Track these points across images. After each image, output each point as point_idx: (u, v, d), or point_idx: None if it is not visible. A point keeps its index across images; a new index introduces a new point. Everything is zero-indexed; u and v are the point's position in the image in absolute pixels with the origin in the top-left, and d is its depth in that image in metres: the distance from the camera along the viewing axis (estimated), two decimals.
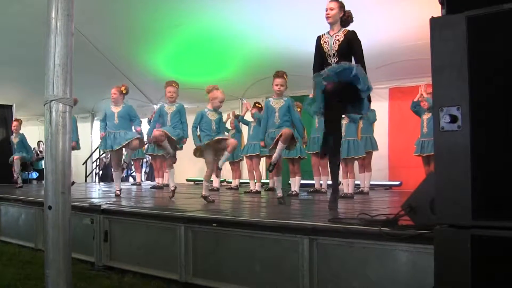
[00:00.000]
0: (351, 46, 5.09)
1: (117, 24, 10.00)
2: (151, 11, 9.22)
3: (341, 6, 5.25)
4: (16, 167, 10.31)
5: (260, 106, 8.87)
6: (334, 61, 5.08)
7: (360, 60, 5.03)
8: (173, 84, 7.14)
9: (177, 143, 6.85)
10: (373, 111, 8.29)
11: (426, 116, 7.49)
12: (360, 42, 5.12)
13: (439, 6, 2.23)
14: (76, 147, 9.01)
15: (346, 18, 5.27)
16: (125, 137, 7.16)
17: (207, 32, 9.86)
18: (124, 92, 7.50)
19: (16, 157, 10.20)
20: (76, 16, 3.29)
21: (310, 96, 7.30)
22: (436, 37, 2.12)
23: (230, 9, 8.84)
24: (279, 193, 5.96)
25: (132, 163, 11.75)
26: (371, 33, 8.61)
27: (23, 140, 10.46)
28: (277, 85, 6.26)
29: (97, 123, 15.80)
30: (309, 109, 5.23)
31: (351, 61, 5.03)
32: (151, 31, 10.09)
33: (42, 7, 3.32)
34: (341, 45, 5.10)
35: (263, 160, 9.69)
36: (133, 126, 7.41)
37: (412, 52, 8.54)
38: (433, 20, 2.14)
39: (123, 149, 7.30)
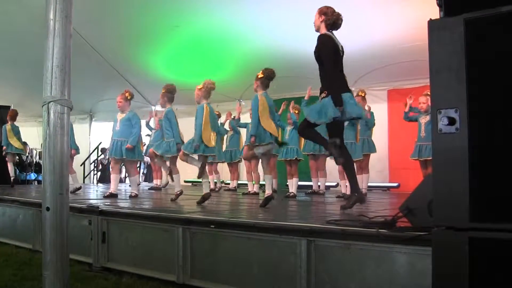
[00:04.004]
0: (319, 53, 4.93)
1: (115, 25, 10.00)
2: (149, 12, 9.22)
3: (320, 12, 5.08)
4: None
5: None
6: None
7: (326, 68, 4.87)
8: (163, 90, 7.27)
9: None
10: (372, 114, 8.27)
11: (424, 120, 7.43)
12: (323, 46, 4.92)
13: (437, 7, 2.23)
14: (77, 152, 9.04)
15: (329, 19, 5.02)
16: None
17: (205, 33, 9.87)
18: (129, 98, 7.61)
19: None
20: (74, 17, 3.29)
21: (306, 98, 7.31)
22: (434, 40, 2.12)
23: (228, 10, 8.84)
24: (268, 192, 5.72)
25: None
26: (369, 34, 8.63)
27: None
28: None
29: (95, 124, 15.81)
30: (307, 111, 5.19)
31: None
32: (149, 32, 10.09)
33: (40, 9, 3.32)
34: (315, 52, 4.96)
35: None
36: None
37: (410, 53, 8.56)
38: (431, 23, 2.14)
39: None
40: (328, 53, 4.89)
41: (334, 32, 5.12)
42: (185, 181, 12.80)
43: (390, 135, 10.35)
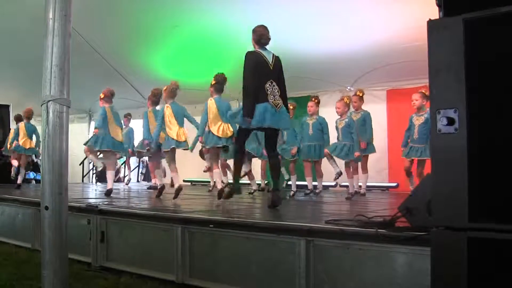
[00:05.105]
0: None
1: (114, 24, 9.99)
2: (149, 11, 9.20)
3: (252, 31, 5.66)
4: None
5: None
6: None
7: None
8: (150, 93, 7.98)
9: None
10: (367, 116, 8.18)
11: (418, 122, 7.29)
12: (244, 64, 5.50)
13: (437, 7, 2.23)
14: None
15: (255, 38, 5.63)
16: None
17: (205, 33, 9.86)
18: (102, 97, 7.77)
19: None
20: (73, 16, 3.29)
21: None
22: (433, 40, 2.12)
23: (228, 9, 8.83)
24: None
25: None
26: (368, 34, 8.62)
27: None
28: None
29: (94, 124, 15.79)
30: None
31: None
32: (149, 31, 10.07)
33: (40, 8, 3.31)
34: None
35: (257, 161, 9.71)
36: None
37: (409, 53, 8.53)
38: (430, 23, 2.14)
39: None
40: (245, 70, 5.49)
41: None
42: (184, 180, 12.80)
43: (389, 135, 10.32)
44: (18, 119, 10.76)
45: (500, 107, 1.94)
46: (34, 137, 10.37)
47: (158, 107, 7.97)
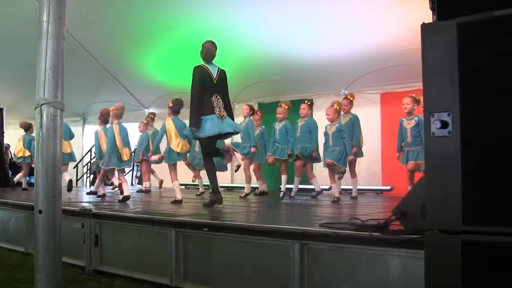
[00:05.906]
0: None
1: (108, 27, 9.97)
2: (143, 14, 9.18)
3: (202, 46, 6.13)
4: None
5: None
6: None
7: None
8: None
9: None
10: (355, 119, 8.17)
11: (409, 125, 7.26)
12: (192, 78, 5.92)
13: (430, 11, 2.24)
14: None
15: (202, 53, 6.17)
16: None
17: (199, 36, 9.76)
18: None
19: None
20: (67, 20, 3.29)
21: None
22: (427, 43, 2.13)
23: (222, 12, 8.82)
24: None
25: None
26: (363, 38, 8.64)
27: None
28: None
29: (88, 127, 15.74)
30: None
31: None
32: (142, 34, 10.05)
33: (34, 11, 3.31)
34: None
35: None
36: None
37: (403, 57, 8.55)
38: (424, 26, 2.15)
39: None
40: (192, 83, 5.88)
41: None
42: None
43: (383, 138, 10.32)
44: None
45: (494, 110, 1.94)
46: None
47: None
